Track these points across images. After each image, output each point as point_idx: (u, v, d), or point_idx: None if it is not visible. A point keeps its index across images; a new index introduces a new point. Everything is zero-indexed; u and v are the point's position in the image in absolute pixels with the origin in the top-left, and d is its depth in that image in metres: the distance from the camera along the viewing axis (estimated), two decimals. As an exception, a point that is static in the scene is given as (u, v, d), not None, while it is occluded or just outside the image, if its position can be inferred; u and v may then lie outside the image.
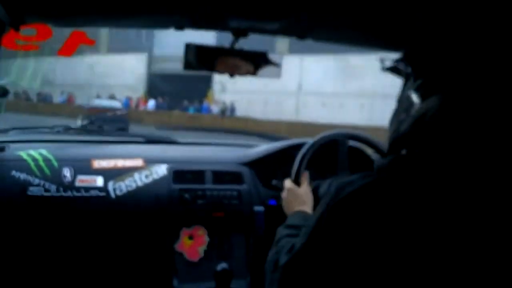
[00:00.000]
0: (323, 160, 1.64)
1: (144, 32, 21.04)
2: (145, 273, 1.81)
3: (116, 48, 21.59)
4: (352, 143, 1.64)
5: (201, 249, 1.75)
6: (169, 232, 1.75)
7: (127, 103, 19.47)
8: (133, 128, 9.43)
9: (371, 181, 0.73)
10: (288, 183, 1.34)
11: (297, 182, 1.38)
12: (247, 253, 1.77)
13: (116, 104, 16.17)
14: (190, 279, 1.71)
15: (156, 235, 1.76)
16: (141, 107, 20.39)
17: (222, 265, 1.44)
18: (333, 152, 1.59)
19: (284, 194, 1.30)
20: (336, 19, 1.00)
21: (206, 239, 1.76)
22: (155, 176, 1.75)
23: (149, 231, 1.78)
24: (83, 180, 1.70)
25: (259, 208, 1.69)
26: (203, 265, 1.73)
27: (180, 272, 1.72)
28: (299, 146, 1.59)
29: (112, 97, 18.45)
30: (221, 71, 1.22)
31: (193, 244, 1.74)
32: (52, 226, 1.75)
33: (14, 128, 2.01)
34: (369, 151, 1.78)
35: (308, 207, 1.22)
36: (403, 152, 0.75)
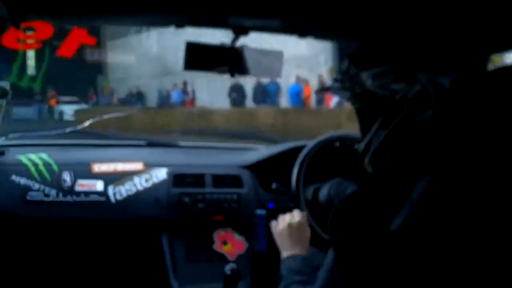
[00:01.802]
0: (323, 162, 1.63)
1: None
2: (145, 277, 1.79)
3: None
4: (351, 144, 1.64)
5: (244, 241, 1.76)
6: (169, 235, 1.74)
7: None
8: None
9: (370, 193, 0.73)
10: (286, 217, 1.22)
11: (297, 185, 1.36)
12: (247, 256, 1.76)
13: None
14: (193, 280, 1.69)
15: (156, 239, 1.75)
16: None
17: (231, 265, 1.40)
18: (332, 154, 1.58)
19: (280, 227, 1.20)
20: (338, 17, 1.00)
21: (239, 237, 1.76)
22: (155, 180, 1.74)
23: (149, 235, 1.77)
24: (83, 184, 1.69)
25: (261, 212, 1.68)
26: (206, 266, 1.71)
27: (180, 273, 1.70)
28: (299, 149, 1.59)
29: None
30: (222, 71, 1.22)
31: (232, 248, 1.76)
32: (52, 232, 1.74)
33: (14, 132, 2.00)
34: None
35: (304, 245, 1.16)
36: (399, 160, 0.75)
